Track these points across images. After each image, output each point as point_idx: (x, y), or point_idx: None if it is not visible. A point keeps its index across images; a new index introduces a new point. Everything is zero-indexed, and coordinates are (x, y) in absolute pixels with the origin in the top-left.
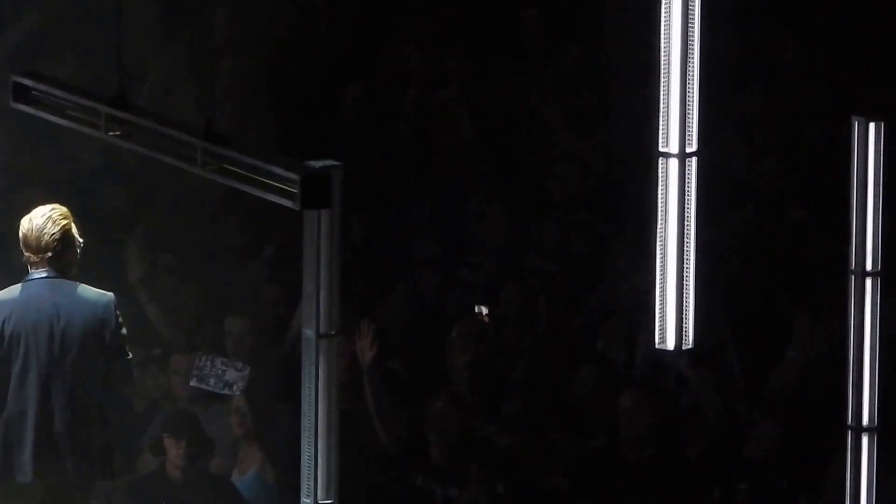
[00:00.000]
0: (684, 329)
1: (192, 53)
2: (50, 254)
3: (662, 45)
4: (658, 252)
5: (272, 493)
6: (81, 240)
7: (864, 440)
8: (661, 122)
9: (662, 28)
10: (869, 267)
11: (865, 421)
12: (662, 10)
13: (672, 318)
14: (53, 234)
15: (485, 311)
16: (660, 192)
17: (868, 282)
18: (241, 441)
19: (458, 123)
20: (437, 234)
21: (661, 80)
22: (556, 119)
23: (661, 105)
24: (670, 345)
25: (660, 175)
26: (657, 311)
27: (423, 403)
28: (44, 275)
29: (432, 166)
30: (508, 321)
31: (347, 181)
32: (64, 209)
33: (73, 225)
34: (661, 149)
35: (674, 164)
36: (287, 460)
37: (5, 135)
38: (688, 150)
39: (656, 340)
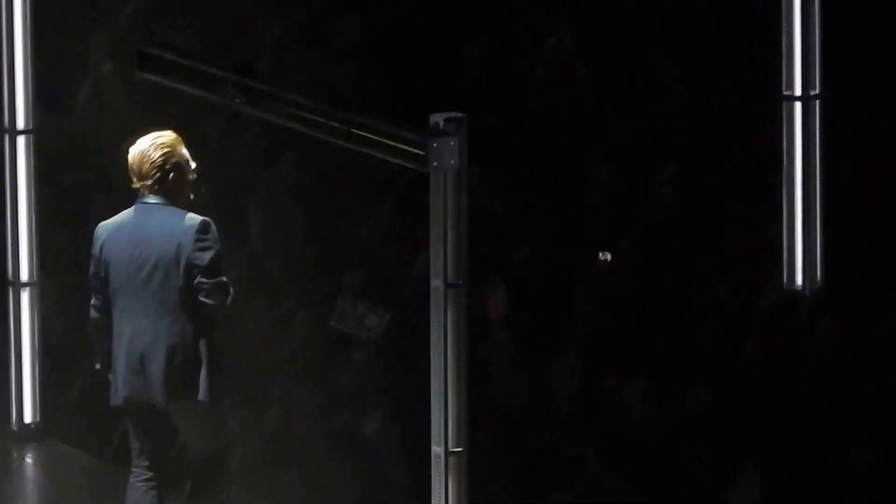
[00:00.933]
0: (812, 272)
1: (312, 14)
2: (150, 181)
3: None
4: (784, 194)
5: (398, 445)
6: (194, 164)
7: None
8: (784, 65)
9: None
10: None
11: None
12: None
13: (800, 261)
14: (154, 160)
15: (609, 256)
16: (785, 135)
17: None
18: (366, 393)
19: (577, 77)
20: (558, 185)
21: (784, 22)
22: (673, 68)
23: (784, 48)
24: (798, 287)
25: (785, 118)
26: (785, 255)
27: (549, 356)
28: (146, 201)
29: (553, 120)
30: (629, 271)
31: (471, 135)
32: (172, 136)
33: (180, 152)
34: (785, 92)
35: (798, 107)
36: (413, 411)
37: (129, 94)
38: (811, 92)
39: (784, 283)
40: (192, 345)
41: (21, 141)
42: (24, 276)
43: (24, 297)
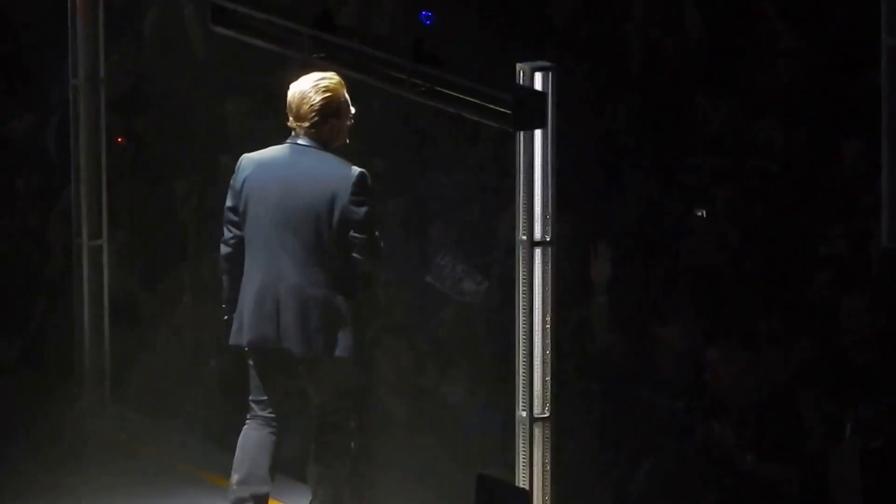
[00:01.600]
0: None
1: None
2: (307, 123)
3: None
4: (885, 145)
5: (484, 408)
6: (353, 109)
7: None
8: (885, 11)
9: None
10: None
11: None
12: None
13: None
14: (314, 104)
15: (704, 213)
16: (887, 82)
17: None
18: (451, 354)
19: (683, 20)
20: (659, 134)
21: None
22: (778, 13)
23: None
24: None
25: (887, 65)
26: (887, 206)
27: (650, 313)
28: (299, 142)
29: (654, 64)
30: (731, 224)
31: (564, 83)
32: (335, 79)
33: (341, 97)
34: (887, 38)
35: None
36: (500, 373)
37: (207, 45)
38: None
39: (888, 235)
40: (333, 298)
41: (91, 91)
42: (97, 233)
43: (92, 254)
